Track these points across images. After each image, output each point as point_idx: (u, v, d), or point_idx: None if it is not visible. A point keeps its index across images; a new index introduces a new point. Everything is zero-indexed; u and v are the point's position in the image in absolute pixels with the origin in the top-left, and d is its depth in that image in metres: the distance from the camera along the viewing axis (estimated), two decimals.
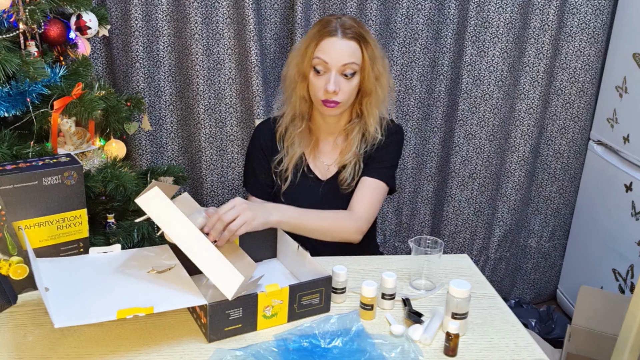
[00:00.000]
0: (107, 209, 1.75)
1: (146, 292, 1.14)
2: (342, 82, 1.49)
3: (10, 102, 1.49)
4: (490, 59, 2.34)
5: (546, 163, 2.55)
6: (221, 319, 1.12)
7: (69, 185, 1.30)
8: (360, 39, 1.48)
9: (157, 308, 1.07)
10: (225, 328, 1.13)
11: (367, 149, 1.59)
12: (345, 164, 1.59)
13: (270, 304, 1.16)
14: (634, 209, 2.19)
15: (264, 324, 1.17)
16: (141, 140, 2.21)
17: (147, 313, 1.06)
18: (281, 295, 1.16)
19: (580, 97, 2.43)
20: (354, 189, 1.58)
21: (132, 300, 1.10)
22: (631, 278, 2.18)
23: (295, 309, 1.20)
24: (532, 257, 2.69)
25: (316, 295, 1.21)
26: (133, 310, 1.06)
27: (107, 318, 1.04)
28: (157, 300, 1.10)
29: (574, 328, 1.99)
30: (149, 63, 2.15)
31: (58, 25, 1.63)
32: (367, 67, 1.50)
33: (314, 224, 1.46)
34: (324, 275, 1.22)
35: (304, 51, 1.52)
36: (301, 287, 1.19)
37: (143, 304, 1.08)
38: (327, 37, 1.48)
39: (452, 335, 1.12)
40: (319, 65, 1.49)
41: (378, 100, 1.55)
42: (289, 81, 1.59)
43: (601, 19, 2.32)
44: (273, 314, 1.17)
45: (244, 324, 1.15)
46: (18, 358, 1.07)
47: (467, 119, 2.42)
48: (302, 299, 1.20)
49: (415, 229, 2.59)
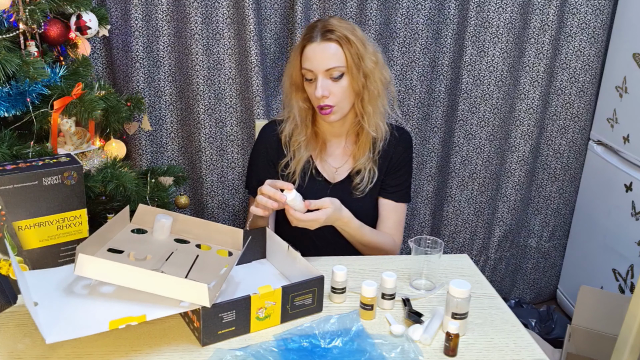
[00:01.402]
0: (107, 209, 1.75)
1: (138, 299, 1.12)
2: (331, 86, 1.47)
3: (10, 102, 1.49)
4: (490, 59, 2.34)
5: (546, 163, 2.55)
6: (214, 323, 1.11)
7: (69, 185, 1.30)
8: (342, 40, 1.46)
9: (150, 316, 1.06)
10: (219, 331, 1.12)
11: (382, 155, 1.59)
12: (359, 169, 1.58)
13: (263, 306, 1.15)
14: (634, 209, 2.19)
15: (258, 325, 1.16)
16: (141, 140, 2.21)
17: (139, 322, 1.05)
18: (274, 296, 1.16)
19: (580, 97, 2.43)
20: (367, 194, 1.58)
21: (123, 309, 1.09)
22: (631, 278, 2.18)
23: (288, 309, 1.19)
24: (532, 257, 2.69)
25: (309, 296, 1.21)
26: (125, 320, 1.05)
27: (99, 330, 1.03)
28: (149, 307, 1.09)
29: (574, 328, 1.99)
30: (149, 63, 2.15)
31: (58, 25, 1.63)
32: (351, 66, 1.47)
33: (370, 239, 1.53)
34: (316, 275, 1.21)
35: (293, 62, 1.53)
36: (294, 288, 1.18)
37: (135, 312, 1.07)
38: (308, 44, 1.48)
39: (452, 335, 1.12)
40: (307, 74, 1.49)
41: (372, 97, 1.52)
42: (285, 93, 1.60)
43: (601, 19, 2.32)
44: (266, 315, 1.16)
45: (238, 327, 1.14)
46: (18, 358, 1.07)
47: (467, 119, 2.42)
48: (294, 300, 1.19)
49: (415, 229, 2.59)
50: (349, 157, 1.62)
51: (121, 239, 1.31)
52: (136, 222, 1.39)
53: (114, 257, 1.24)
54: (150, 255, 1.26)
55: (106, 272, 1.09)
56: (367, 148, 1.57)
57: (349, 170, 1.60)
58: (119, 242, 1.29)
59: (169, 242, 1.34)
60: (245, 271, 1.37)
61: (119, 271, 1.08)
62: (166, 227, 1.35)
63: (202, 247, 1.35)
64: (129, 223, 1.38)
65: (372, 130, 1.55)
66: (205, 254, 1.32)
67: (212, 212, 2.35)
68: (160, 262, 1.24)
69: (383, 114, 1.57)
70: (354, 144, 1.61)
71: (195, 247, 1.34)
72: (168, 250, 1.31)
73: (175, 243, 1.34)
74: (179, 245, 1.34)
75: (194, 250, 1.32)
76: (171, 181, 1.93)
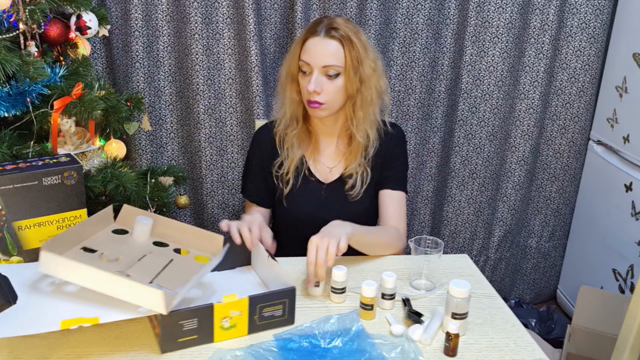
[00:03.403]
0: None
1: (100, 301, 1.09)
2: (325, 83, 1.47)
3: (10, 102, 1.49)
4: (490, 59, 2.34)
5: (546, 163, 2.55)
6: (174, 330, 1.08)
7: (69, 185, 1.30)
8: (344, 40, 1.45)
9: (103, 318, 1.04)
10: (180, 339, 1.09)
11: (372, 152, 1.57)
12: (350, 173, 1.58)
13: (228, 315, 1.11)
14: (634, 209, 2.19)
15: (222, 335, 1.12)
16: (141, 140, 2.21)
17: (92, 323, 1.03)
18: (240, 306, 1.12)
19: (580, 97, 2.43)
20: (362, 196, 1.58)
21: (77, 310, 1.07)
22: (631, 278, 2.18)
23: (256, 320, 1.15)
24: (532, 257, 2.69)
25: (279, 307, 1.16)
26: (78, 321, 1.02)
27: (49, 329, 1.01)
28: (104, 309, 1.07)
29: (574, 328, 1.99)
30: (149, 63, 2.15)
31: (58, 25, 1.63)
32: (349, 68, 1.46)
33: (374, 239, 1.49)
34: (288, 287, 1.17)
35: (292, 53, 1.52)
36: (262, 299, 1.14)
37: (88, 314, 1.05)
38: (311, 37, 1.47)
39: (452, 335, 1.12)
40: (304, 67, 1.48)
41: (364, 103, 1.51)
42: (280, 83, 1.59)
43: (601, 19, 2.32)
44: (232, 325, 1.12)
45: (200, 335, 1.10)
46: (18, 358, 1.07)
47: (467, 119, 2.42)
48: (263, 311, 1.14)
49: (415, 229, 2.59)
50: (342, 157, 1.61)
51: (99, 238, 1.29)
52: (120, 222, 1.36)
53: (83, 256, 1.22)
54: (123, 257, 1.23)
55: (67, 271, 1.07)
56: (358, 153, 1.57)
57: (342, 171, 1.60)
58: (95, 242, 1.27)
59: (146, 245, 1.31)
60: (227, 278, 1.33)
61: (78, 271, 1.07)
62: (145, 229, 1.33)
63: (182, 251, 1.31)
64: (112, 222, 1.36)
65: (360, 137, 1.53)
66: (180, 259, 1.28)
67: (212, 212, 2.35)
68: (131, 264, 1.22)
69: (373, 122, 1.56)
70: (347, 145, 1.60)
71: (173, 251, 1.31)
72: (142, 252, 1.28)
73: (152, 246, 1.31)
74: (155, 248, 1.31)
75: (169, 254, 1.29)
76: (171, 181, 1.93)
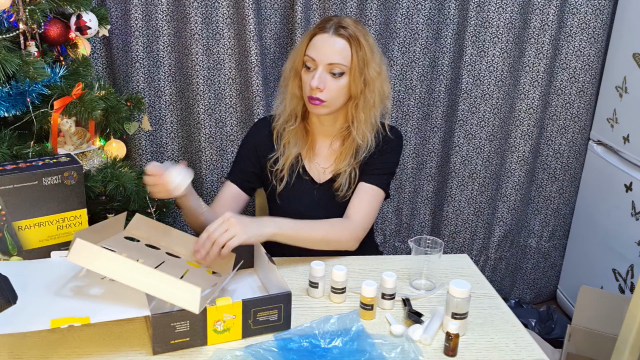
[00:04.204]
0: (107, 209, 1.75)
1: (86, 300, 1.09)
2: (329, 81, 1.47)
3: (10, 102, 1.49)
4: (490, 59, 2.34)
5: (546, 163, 2.55)
6: (166, 332, 1.07)
7: (69, 185, 1.30)
8: (352, 40, 1.45)
9: (94, 318, 1.03)
10: (172, 341, 1.09)
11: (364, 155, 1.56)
12: (340, 172, 1.57)
13: (221, 319, 1.11)
14: (634, 209, 2.19)
15: (216, 339, 1.12)
16: (141, 140, 2.21)
17: (82, 323, 1.02)
18: (233, 310, 1.11)
19: (580, 97, 2.43)
20: (351, 196, 1.56)
21: (68, 309, 1.06)
22: (631, 278, 2.18)
23: (251, 325, 1.14)
24: (532, 257, 2.69)
25: (274, 312, 1.15)
26: (68, 320, 1.02)
27: (40, 327, 1.00)
28: (96, 309, 1.06)
29: (574, 328, 1.99)
30: (149, 63, 2.15)
31: (58, 25, 1.63)
32: (354, 69, 1.46)
33: (310, 235, 1.41)
34: (283, 291, 1.16)
35: (298, 47, 1.52)
36: (256, 303, 1.13)
37: (79, 313, 1.04)
38: (319, 33, 1.47)
39: (452, 335, 1.12)
40: (309, 62, 1.48)
41: (367, 105, 1.51)
42: (283, 78, 1.58)
43: (601, 19, 2.32)
44: (225, 329, 1.12)
45: (192, 338, 1.10)
46: (18, 358, 1.07)
47: (467, 119, 2.42)
48: (257, 315, 1.14)
49: (415, 229, 2.59)
50: (334, 160, 1.61)
51: (114, 241, 1.29)
52: (130, 231, 1.36)
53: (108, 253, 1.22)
54: (142, 260, 1.23)
55: (100, 263, 1.06)
56: (349, 154, 1.56)
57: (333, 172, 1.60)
58: (111, 244, 1.27)
59: (160, 253, 1.32)
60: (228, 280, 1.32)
61: (113, 262, 1.05)
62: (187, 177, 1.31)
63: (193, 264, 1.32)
64: (122, 230, 1.35)
65: (359, 138, 1.53)
66: (196, 270, 1.29)
67: None
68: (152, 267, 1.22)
69: (373, 125, 1.56)
70: (340, 146, 1.59)
71: (186, 263, 1.31)
72: (158, 259, 1.28)
73: (166, 255, 1.32)
74: (169, 257, 1.32)
75: (184, 265, 1.30)
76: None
